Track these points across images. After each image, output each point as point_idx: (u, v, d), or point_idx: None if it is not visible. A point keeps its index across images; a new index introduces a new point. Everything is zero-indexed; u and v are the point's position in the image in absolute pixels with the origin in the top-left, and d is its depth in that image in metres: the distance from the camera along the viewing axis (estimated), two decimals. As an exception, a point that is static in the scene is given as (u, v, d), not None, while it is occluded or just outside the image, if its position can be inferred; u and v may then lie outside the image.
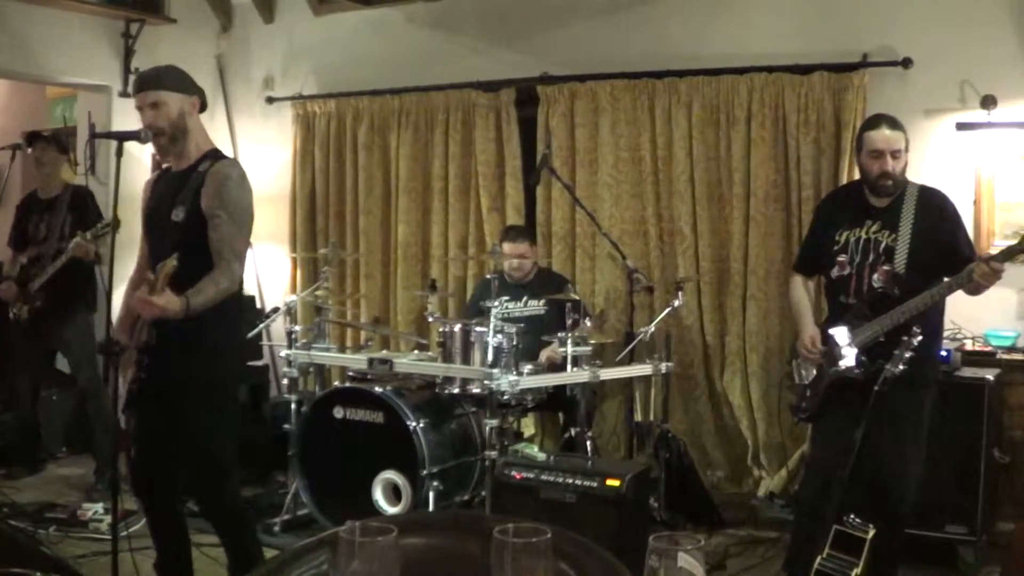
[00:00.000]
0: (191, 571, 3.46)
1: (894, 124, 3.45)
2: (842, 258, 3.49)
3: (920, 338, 3.10)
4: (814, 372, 3.60)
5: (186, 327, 3.01)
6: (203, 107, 3.29)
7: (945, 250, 3.38)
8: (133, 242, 3.61)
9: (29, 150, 5.26)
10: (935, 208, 3.44)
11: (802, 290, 3.76)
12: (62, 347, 5.31)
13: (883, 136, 3.42)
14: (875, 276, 3.40)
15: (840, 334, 3.43)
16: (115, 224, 3.62)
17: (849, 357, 3.39)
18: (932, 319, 3.40)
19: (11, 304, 5.13)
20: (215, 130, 6.70)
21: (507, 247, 5.03)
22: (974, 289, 3.25)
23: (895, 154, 3.40)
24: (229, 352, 3.32)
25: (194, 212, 3.10)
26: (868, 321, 3.39)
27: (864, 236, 3.46)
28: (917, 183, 3.53)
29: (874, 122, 3.51)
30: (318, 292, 4.99)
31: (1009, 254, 3.16)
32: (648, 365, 4.62)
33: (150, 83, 3.20)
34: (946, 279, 3.29)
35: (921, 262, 3.35)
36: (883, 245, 3.40)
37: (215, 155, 3.23)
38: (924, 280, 3.33)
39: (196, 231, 3.10)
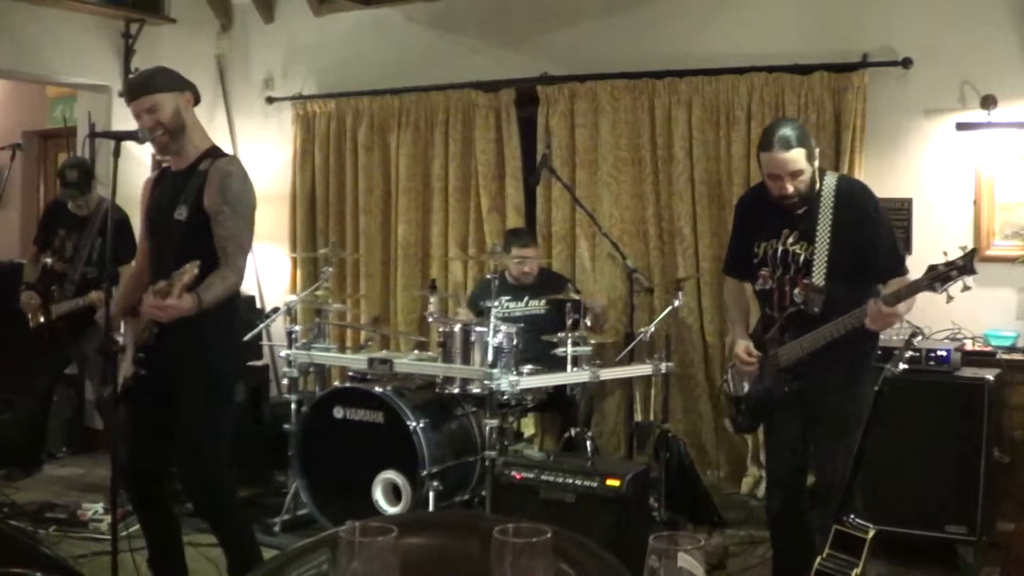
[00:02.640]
0: (185, 569, 3.46)
1: (788, 144, 3.15)
2: (764, 271, 3.36)
3: (919, 338, 3.09)
4: (746, 385, 3.51)
5: (185, 325, 3.01)
6: (197, 100, 3.29)
7: (866, 256, 3.22)
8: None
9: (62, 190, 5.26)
10: (853, 210, 3.23)
11: (735, 294, 3.63)
12: (80, 360, 5.32)
13: (777, 160, 3.17)
14: (796, 291, 3.26)
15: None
16: None
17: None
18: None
19: (31, 315, 5.13)
20: (215, 130, 6.69)
21: (517, 251, 5.02)
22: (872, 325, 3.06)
23: (795, 174, 3.18)
24: (228, 350, 3.32)
25: (197, 210, 3.12)
26: (792, 339, 3.29)
27: (782, 248, 3.30)
28: (835, 176, 3.35)
29: (767, 143, 3.21)
30: (318, 292, 4.99)
31: (896, 298, 3.00)
32: (648, 365, 4.61)
33: (142, 89, 3.21)
34: (844, 316, 3.13)
35: (842, 272, 3.20)
36: (801, 258, 3.25)
37: (215, 153, 3.25)
38: (849, 288, 3.19)
39: (199, 229, 3.11)
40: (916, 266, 3.25)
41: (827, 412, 3.28)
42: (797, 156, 3.18)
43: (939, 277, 2.91)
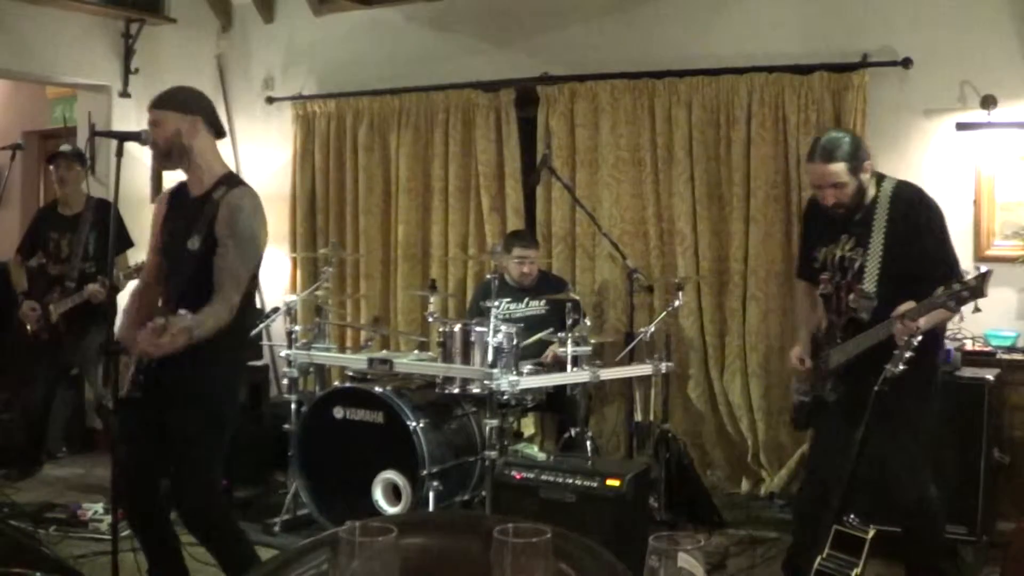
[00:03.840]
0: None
1: (828, 156, 3.23)
2: (824, 276, 3.42)
3: (919, 338, 3.07)
4: (803, 385, 3.58)
5: (204, 341, 3.02)
6: (213, 128, 3.26)
7: (918, 264, 3.23)
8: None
9: (51, 168, 5.25)
10: (907, 219, 3.26)
11: (802, 298, 3.68)
12: (79, 362, 5.30)
13: (816, 170, 3.28)
14: (851, 296, 3.30)
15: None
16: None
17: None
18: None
19: (31, 324, 5.12)
20: (215, 130, 6.69)
21: (518, 252, 5.04)
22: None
23: (836, 186, 3.24)
24: (228, 365, 3.27)
25: (209, 240, 3.12)
26: (841, 343, 3.34)
27: (840, 254, 3.35)
28: (894, 182, 3.37)
29: (811, 152, 3.32)
30: (318, 292, 4.99)
31: (918, 313, 3.02)
32: (648, 365, 4.61)
33: (155, 101, 3.23)
34: (877, 325, 3.18)
35: (894, 278, 3.22)
36: (857, 264, 3.30)
37: (229, 181, 3.23)
38: (901, 294, 3.18)
39: (210, 260, 3.11)
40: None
41: (889, 417, 3.23)
42: (837, 169, 3.23)
43: (954, 296, 2.96)
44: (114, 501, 3.24)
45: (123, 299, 5.32)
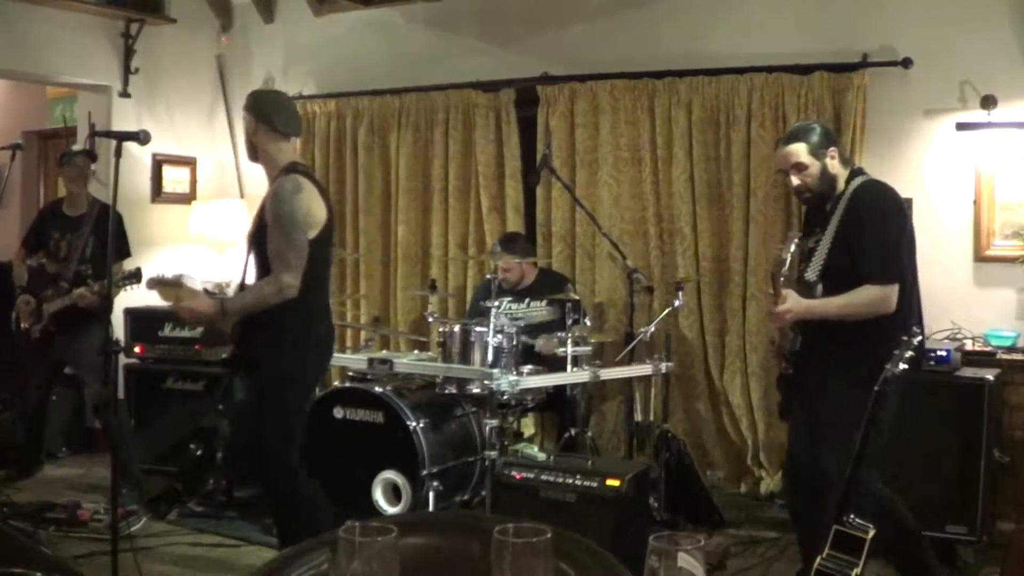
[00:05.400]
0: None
1: (789, 138, 3.36)
2: (802, 266, 3.47)
3: (919, 338, 3.07)
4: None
5: (267, 319, 3.33)
6: (280, 133, 3.48)
7: (855, 257, 3.23)
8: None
9: (62, 168, 5.25)
10: (855, 213, 3.28)
11: None
12: (73, 361, 5.28)
13: (780, 154, 3.40)
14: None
15: None
16: (137, 276, 4.30)
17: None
18: (849, 327, 3.24)
19: (24, 319, 5.11)
20: (215, 131, 6.71)
21: (496, 256, 5.05)
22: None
23: (797, 167, 3.32)
24: (294, 340, 3.43)
25: (263, 225, 3.40)
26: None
27: (811, 245, 3.41)
28: (864, 179, 3.37)
29: (776, 142, 3.51)
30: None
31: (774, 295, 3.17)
32: (648, 365, 4.61)
33: None
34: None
35: (837, 271, 3.24)
36: (815, 255, 3.36)
37: (285, 169, 3.45)
38: (842, 288, 3.23)
39: (263, 241, 3.40)
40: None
41: (813, 407, 3.35)
42: (795, 149, 3.32)
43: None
44: (114, 501, 3.25)
45: (121, 304, 5.37)
